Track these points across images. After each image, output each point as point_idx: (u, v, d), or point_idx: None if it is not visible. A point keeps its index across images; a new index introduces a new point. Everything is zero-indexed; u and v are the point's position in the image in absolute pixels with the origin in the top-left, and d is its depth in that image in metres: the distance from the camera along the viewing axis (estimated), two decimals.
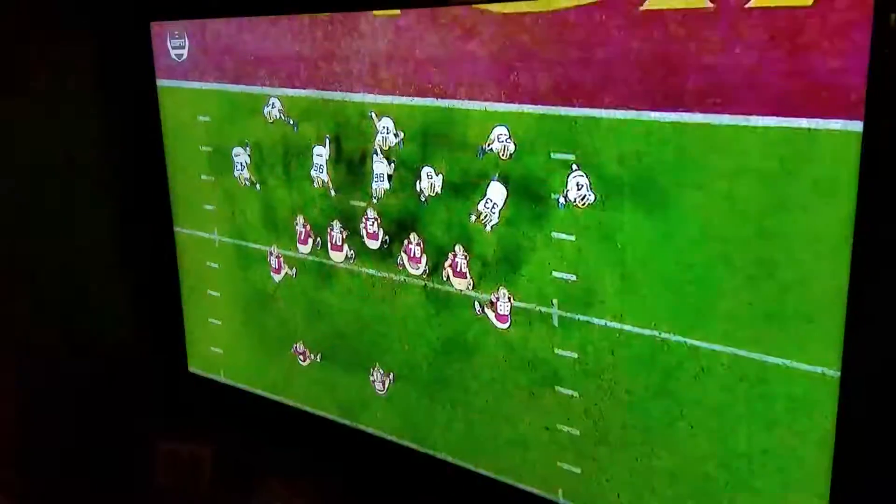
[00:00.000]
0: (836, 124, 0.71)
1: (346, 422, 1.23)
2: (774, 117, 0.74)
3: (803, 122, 0.73)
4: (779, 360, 0.79)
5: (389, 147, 1.06)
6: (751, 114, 0.76)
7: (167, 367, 1.47)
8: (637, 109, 0.83)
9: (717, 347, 0.83)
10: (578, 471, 0.97)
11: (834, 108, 0.71)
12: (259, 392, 1.35)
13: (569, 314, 0.93)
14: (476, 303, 1.02)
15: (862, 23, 0.67)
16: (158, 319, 1.47)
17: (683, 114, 0.80)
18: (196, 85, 1.29)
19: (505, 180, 0.95)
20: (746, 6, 0.74)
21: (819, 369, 0.76)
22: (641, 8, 0.81)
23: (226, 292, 1.36)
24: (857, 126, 0.70)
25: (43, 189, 1.30)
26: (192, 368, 1.46)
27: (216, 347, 1.40)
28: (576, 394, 0.95)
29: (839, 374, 0.75)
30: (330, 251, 1.18)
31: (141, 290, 1.46)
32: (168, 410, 1.39)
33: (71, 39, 1.32)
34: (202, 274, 1.39)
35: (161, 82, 1.35)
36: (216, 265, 1.36)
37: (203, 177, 1.33)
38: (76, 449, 1.37)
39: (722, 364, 0.82)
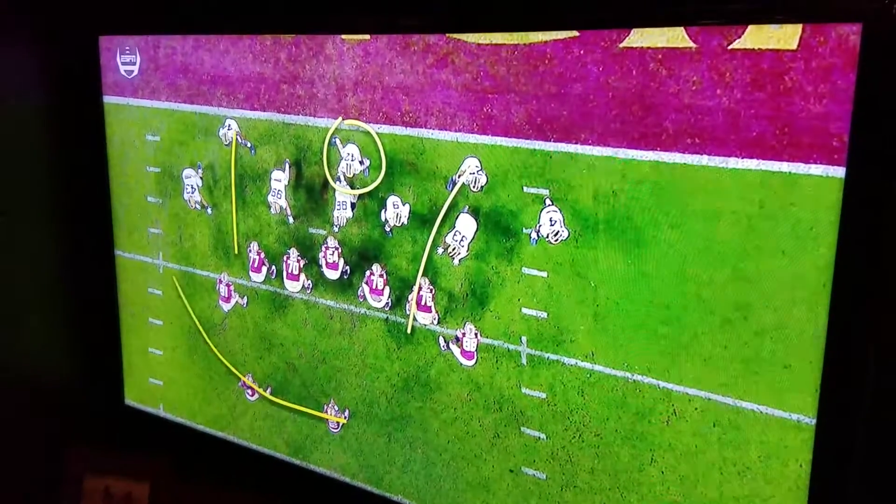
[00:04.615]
0: (817, 170, 0.71)
1: (296, 461, 1.17)
2: (754, 160, 0.74)
3: (784, 167, 0.72)
4: (753, 406, 0.78)
5: (354, 174, 1.02)
6: (730, 156, 0.75)
7: (102, 398, 1.39)
8: (614, 146, 0.82)
9: (691, 391, 0.81)
10: None
11: (816, 153, 0.70)
12: (201, 427, 1.28)
13: (538, 352, 0.91)
14: (441, 338, 0.98)
15: (846, 68, 0.68)
16: (94, 347, 1.38)
17: (661, 153, 0.79)
18: (146, 103, 1.24)
19: (475, 213, 0.93)
20: (729, 47, 0.73)
21: (794, 416, 0.75)
22: (621, 45, 0.80)
23: (169, 321, 1.29)
24: (839, 172, 0.69)
25: None
26: (128, 401, 1.38)
27: (156, 379, 1.33)
28: (543, 436, 0.92)
29: (815, 421, 0.74)
30: (285, 280, 1.13)
31: (76, 316, 1.37)
32: (102, 444, 1.31)
33: (12, 50, 1.25)
34: (143, 301, 1.32)
35: (108, 99, 1.28)
36: (159, 292, 1.29)
37: (149, 199, 1.27)
38: (2, 487, 1.27)
39: (695, 408, 0.81)
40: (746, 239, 0.75)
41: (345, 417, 1.10)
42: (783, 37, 0.70)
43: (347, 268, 1.06)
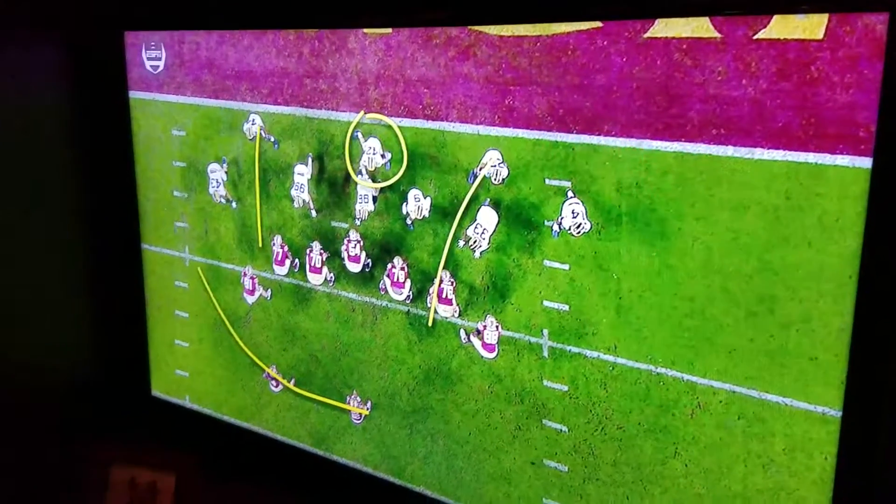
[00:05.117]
0: (844, 160, 0.70)
1: (320, 451, 1.18)
2: (780, 151, 0.73)
3: (810, 157, 0.71)
4: (778, 399, 0.77)
5: (375, 168, 1.02)
6: (756, 146, 0.74)
7: (129, 389, 1.40)
8: (637, 138, 0.81)
9: (715, 384, 0.81)
10: None
11: (842, 143, 0.70)
12: (227, 418, 1.29)
13: (560, 345, 0.91)
14: (462, 331, 0.98)
15: (873, 58, 0.67)
16: (121, 340, 1.40)
17: (686, 144, 0.78)
18: (171, 98, 1.25)
19: (496, 206, 0.93)
20: (755, 37, 0.72)
21: (820, 409, 0.75)
22: (645, 35, 0.79)
23: (195, 313, 1.30)
24: (865, 162, 0.69)
25: (3, 200, 1.23)
26: (155, 392, 1.40)
27: (182, 371, 1.35)
28: (565, 428, 0.92)
29: (841, 414, 0.74)
30: (308, 273, 1.14)
31: (104, 309, 1.39)
32: (129, 435, 1.32)
33: (39, 46, 1.27)
34: (170, 294, 1.33)
35: (134, 94, 1.30)
36: (185, 285, 1.31)
37: (175, 193, 1.28)
38: (30, 477, 1.29)
39: (720, 401, 0.80)
40: (772, 230, 0.75)
41: (367, 409, 1.11)
42: (809, 26, 0.70)
43: (369, 261, 1.06)
